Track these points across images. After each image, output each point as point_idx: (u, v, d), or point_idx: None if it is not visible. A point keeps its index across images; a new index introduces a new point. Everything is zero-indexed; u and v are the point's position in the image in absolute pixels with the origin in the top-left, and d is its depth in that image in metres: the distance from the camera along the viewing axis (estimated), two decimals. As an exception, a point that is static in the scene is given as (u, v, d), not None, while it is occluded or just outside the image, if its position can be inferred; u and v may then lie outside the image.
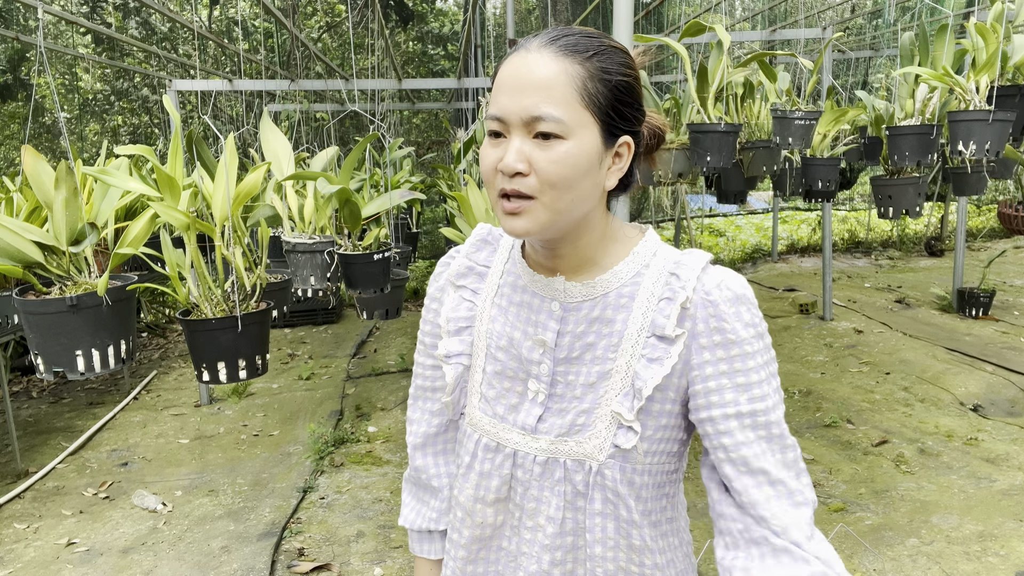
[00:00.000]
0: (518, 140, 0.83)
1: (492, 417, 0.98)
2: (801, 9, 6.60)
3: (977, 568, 2.64)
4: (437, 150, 10.52)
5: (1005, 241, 8.54)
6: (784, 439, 0.88)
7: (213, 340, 2.00)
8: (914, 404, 4.13)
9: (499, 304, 0.99)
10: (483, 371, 0.99)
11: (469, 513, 1.01)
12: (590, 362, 0.92)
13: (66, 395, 4.95)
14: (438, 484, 1.11)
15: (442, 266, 1.07)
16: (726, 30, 3.10)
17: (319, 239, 2.77)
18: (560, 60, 0.83)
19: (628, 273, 0.92)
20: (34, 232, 1.89)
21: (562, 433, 0.93)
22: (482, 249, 1.04)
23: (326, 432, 4.02)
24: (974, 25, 2.84)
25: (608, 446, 0.91)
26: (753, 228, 10.42)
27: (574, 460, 0.93)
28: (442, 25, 12.55)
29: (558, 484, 0.94)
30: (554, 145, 0.82)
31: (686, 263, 0.90)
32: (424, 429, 1.11)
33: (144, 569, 2.85)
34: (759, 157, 3.85)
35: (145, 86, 9.40)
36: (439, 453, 1.12)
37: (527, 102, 0.82)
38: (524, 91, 0.82)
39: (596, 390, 0.92)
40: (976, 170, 4.04)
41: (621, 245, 0.94)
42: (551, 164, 0.82)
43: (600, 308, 0.92)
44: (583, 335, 0.92)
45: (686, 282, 0.88)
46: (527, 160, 0.82)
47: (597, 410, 0.92)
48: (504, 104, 0.83)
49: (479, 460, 0.99)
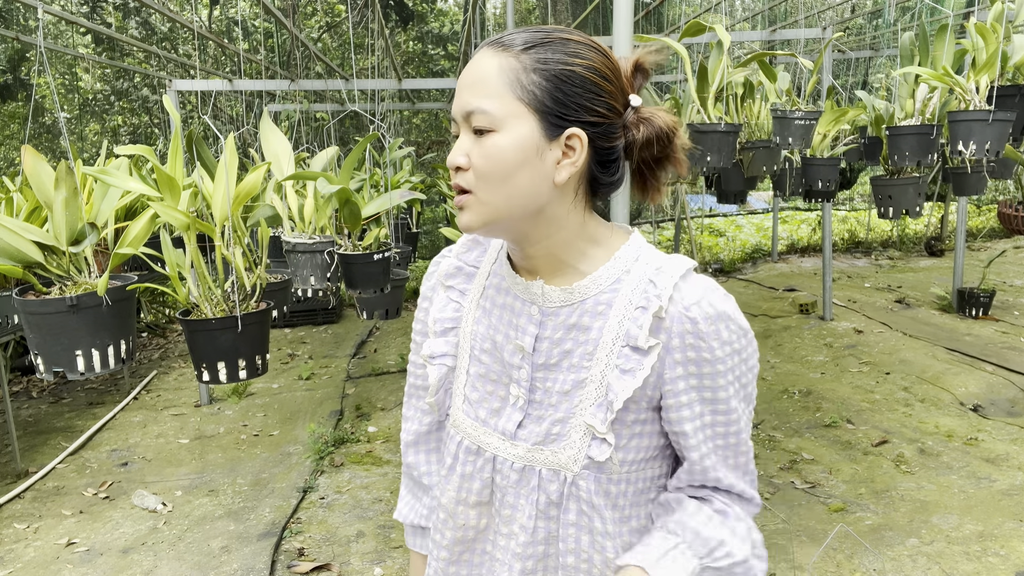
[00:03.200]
0: (463, 137, 0.86)
1: (474, 420, 0.97)
2: (801, 9, 6.60)
3: (977, 568, 2.64)
4: (437, 150, 10.51)
5: (1005, 241, 8.53)
6: (740, 447, 0.91)
7: (213, 340, 2.00)
8: (914, 404, 4.13)
9: (483, 306, 0.98)
10: (467, 373, 0.98)
11: (451, 515, 1.00)
12: (567, 369, 0.90)
13: (66, 395, 4.95)
14: (428, 482, 1.11)
15: (433, 266, 1.07)
16: (726, 30, 3.10)
17: (319, 239, 2.77)
18: (496, 56, 0.84)
19: (608, 279, 0.89)
20: (34, 232, 1.89)
21: (538, 441, 0.92)
22: (472, 249, 1.03)
23: (326, 432, 4.02)
24: (974, 25, 2.84)
25: (582, 457, 0.89)
26: (753, 228, 10.42)
27: (549, 469, 0.91)
28: (442, 25, 12.55)
29: (532, 493, 0.93)
30: (485, 139, 0.83)
31: (665, 270, 0.87)
32: (416, 427, 1.11)
33: (144, 569, 2.85)
34: (759, 157, 3.85)
35: (145, 86, 9.40)
36: (431, 451, 1.11)
37: (463, 99, 0.85)
38: (463, 89, 0.85)
39: (571, 399, 0.90)
40: (976, 170, 4.04)
41: (602, 249, 0.91)
42: (480, 158, 0.83)
43: (578, 314, 0.89)
44: (561, 341, 0.90)
45: (662, 291, 0.86)
46: (467, 155, 0.84)
47: (572, 420, 0.90)
48: (456, 102, 0.86)
49: (460, 462, 0.98)
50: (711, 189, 4.77)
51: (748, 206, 11.68)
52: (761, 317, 5.94)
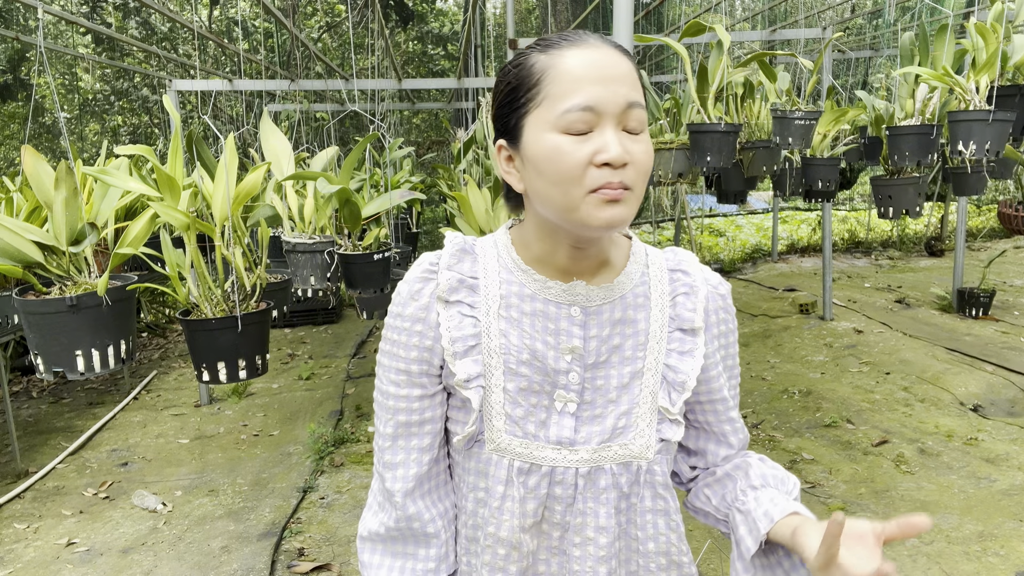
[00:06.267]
0: (614, 131, 0.81)
1: (523, 437, 0.92)
2: (801, 9, 6.60)
3: (977, 568, 2.64)
4: (437, 150, 10.52)
5: (1005, 241, 8.53)
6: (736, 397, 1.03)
7: (213, 340, 2.00)
8: (914, 404, 4.13)
9: (508, 316, 0.92)
10: (504, 390, 0.91)
11: (515, 547, 0.92)
12: (619, 364, 0.92)
13: (66, 395, 4.95)
14: (433, 529, 0.97)
15: (420, 282, 0.93)
16: (726, 30, 3.10)
17: (319, 239, 2.77)
18: (623, 58, 0.84)
19: (636, 273, 0.95)
20: (34, 232, 1.89)
21: (604, 439, 0.92)
22: (463, 260, 0.95)
23: (326, 432, 4.02)
24: (974, 25, 2.84)
25: (655, 442, 0.93)
26: (753, 228, 10.42)
27: (619, 464, 0.92)
28: (442, 25, 12.55)
29: (604, 492, 0.92)
30: (643, 136, 0.84)
31: (686, 260, 0.98)
32: (415, 471, 0.96)
33: (144, 569, 2.85)
34: (759, 157, 3.85)
35: (145, 86, 9.40)
36: (428, 493, 0.97)
37: (623, 90, 0.81)
38: (616, 80, 0.81)
39: (631, 390, 0.92)
40: (976, 170, 4.04)
41: (618, 248, 0.96)
42: (645, 155, 0.83)
43: (621, 309, 0.92)
44: (608, 338, 0.92)
45: (696, 277, 0.95)
46: (628, 150, 0.81)
47: (636, 409, 0.92)
48: (597, 94, 0.80)
49: (515, 487, 0.91)
50: (711, 189, 4.77)
51: (748, 206, 11.68)
52: (761, 317, 5.94)
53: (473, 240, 0.97)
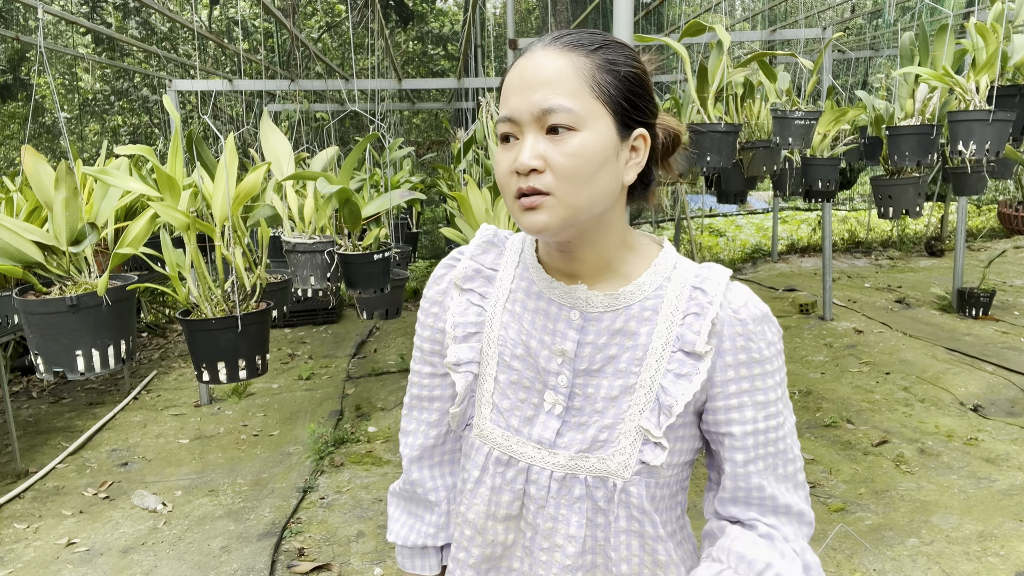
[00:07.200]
0: (531, 138, 0.81)
1: (505, 429, 0.94)
2: (801, 9, 6.59)
3: (977, 568, 2.64)
4: (437, 150, 10.51)
5: (1005, 241, 8.53)
6: (787, 453, 0.92)
7: (213, 340, 2.00)
8: (914, 404, 4.13)
9: (511, 310, 0.94)
10: (495, 380, 0.94)
11: (480, 531, 0.95)
12: (612, 375, 0.89)
13: (66, 395, 4.95)
14: (435, 498, 1.05)
15: (444, 268, 1.01)
16: (726, 30, 3.10)
17: (319, 239, 2.77)
18: (566, 54, 0.82)
19: (651, 285, 0.90)
20: (34, 232, 1.89)
21: (583, 449, 0.90)
22: (488, 251, 0.99)
23: (326, 432, 4.02)
24: (974, 25, 2.84)
25: (634, 463, 0.88)
26: (753, 228, 10.42)
27: (595, 477, 0.89)
28: (442, 25, 12.55)
29: (578, 502, 0.90)
30: (567, 138, 0.80)
31: (711, 278, 0.89)
32: (421, 441, 1.04)
33: (144, 569, 2.85)
34: (759, 157, 3.85)
35: (145, 86, 9.40)
36: (435, 465, 1.06)
37: (536, 97, 0.81)
38: (532, 87, 0.81)
39: (619, 404, 0.89)
40: (976, 170, 4.04)
41: (640, 256, 0.92)
42: (566, 157, 0.80)
43: (623, 320, 0.89)
44: (605, 347, 0.89)
45: (713, 298, 0.87)
46: (541, 157, 0.80)
47: (620, 425, 0.89)
48: (514, 104, 0.82)
49: (490, 474, 0.94)
50: (711, 189, 4.77)
51: (748, 206, 11.68)
52: (761, 317, 5.94)
53: (507, 234, 1.01)
